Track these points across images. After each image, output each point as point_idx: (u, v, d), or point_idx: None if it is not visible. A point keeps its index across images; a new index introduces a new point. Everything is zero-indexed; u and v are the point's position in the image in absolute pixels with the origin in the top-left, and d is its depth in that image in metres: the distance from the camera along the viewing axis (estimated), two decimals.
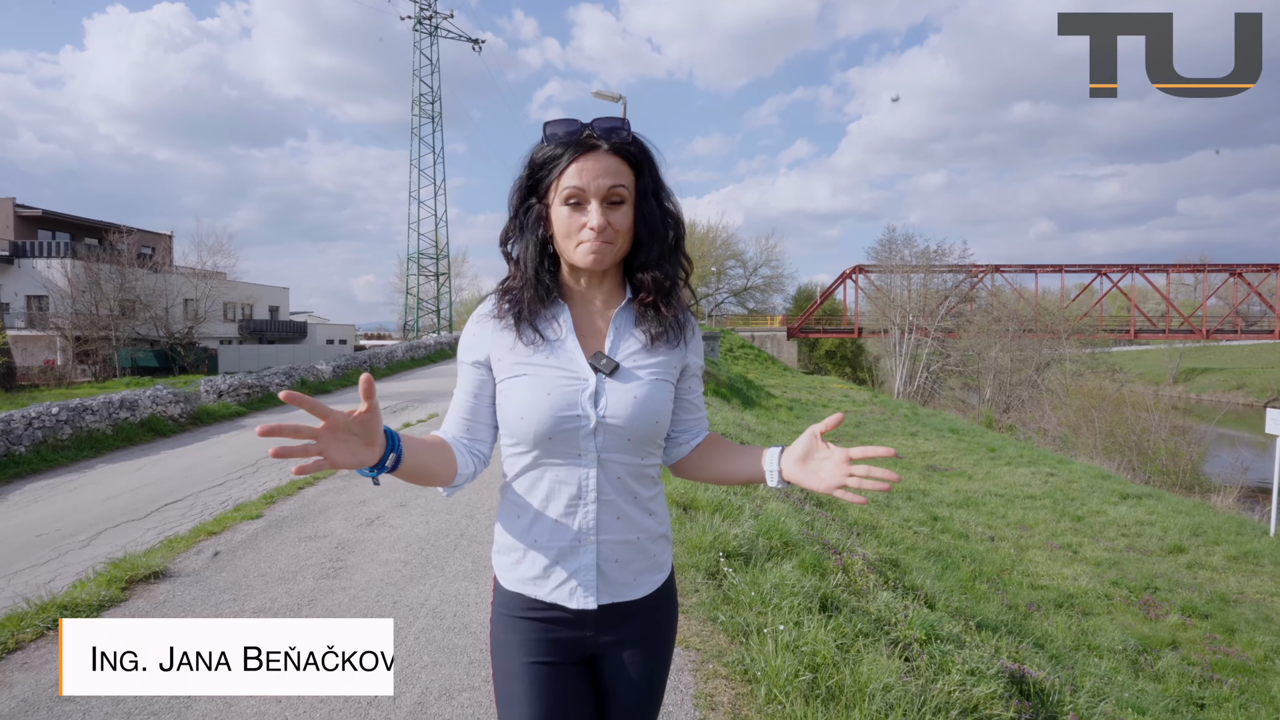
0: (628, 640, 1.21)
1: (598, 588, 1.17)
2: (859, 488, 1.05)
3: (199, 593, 3.54)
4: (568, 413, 1.12)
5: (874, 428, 25.49)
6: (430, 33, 42.52)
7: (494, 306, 1.21)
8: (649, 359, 1.19)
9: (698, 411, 1.31)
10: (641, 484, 1.21)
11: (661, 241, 1.19)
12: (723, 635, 3.07)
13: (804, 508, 6.80)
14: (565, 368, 1.15)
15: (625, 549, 1.19)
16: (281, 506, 5.22)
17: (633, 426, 1.14)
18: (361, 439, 1.02)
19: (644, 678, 1.22)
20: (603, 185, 1.11)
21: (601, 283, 1.22)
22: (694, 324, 1.27)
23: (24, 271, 33.73)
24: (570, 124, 1.15)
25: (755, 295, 62.57)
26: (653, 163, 1.20)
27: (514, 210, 1.20)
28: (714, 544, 4.11)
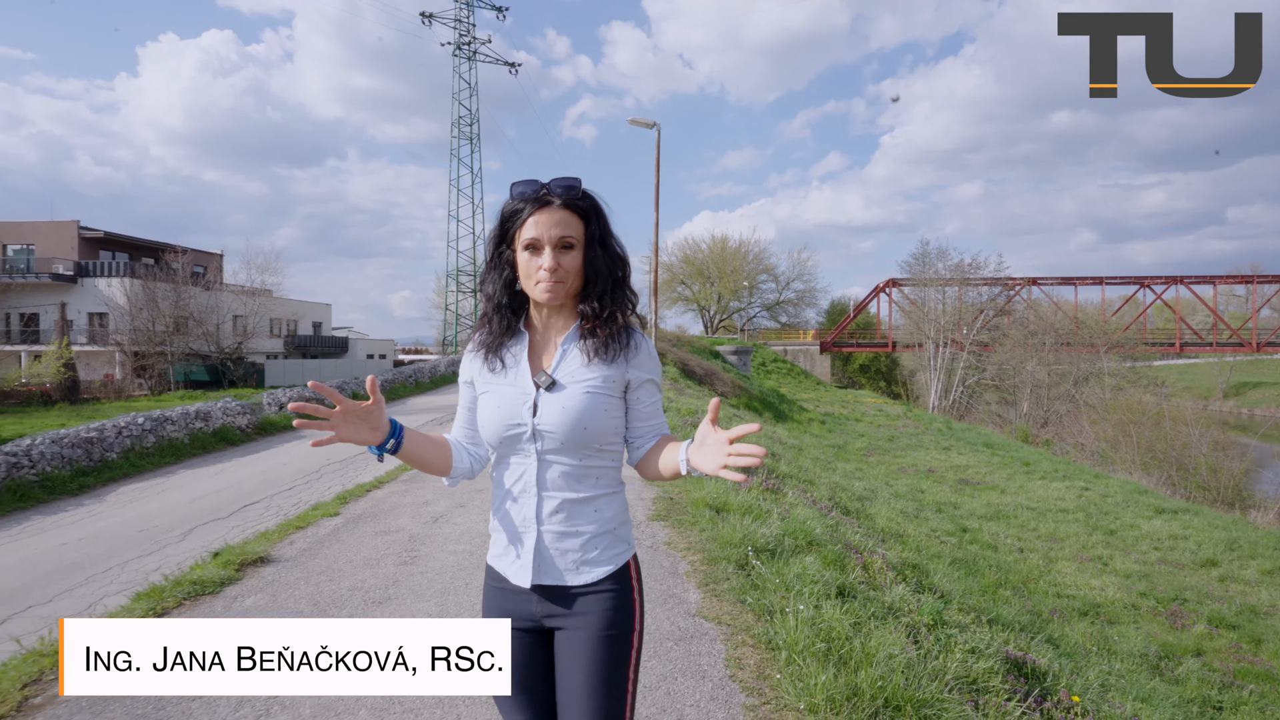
0: (572, 625, 1.37)
1: (535, 568, 1.38)
2: (735, 465, 1.19)
3: (300, 574, 4.13)
4: (511, 421, 1.38)
5: (907, 441, 25.51)
6: (469, 57, 43.94)
7: (475, 343, 1.49)
8: (586, 375, 1.39)
9: (651, 419, 1.47)
10: (583, 483, 1.41)
11: (606, 279, 1.42)
12: (750, 614, 3.54)
13: (830, 514, 7.19)
14: (515, 385, 1.41)
15: (566, 539, 1.39)
16: (355, 506, 5.82)
17: (562, 432, 1.36)
18: (368, 425, 1.34)
19: (588, 662, 1.35)
20: (555, 234, 1.36)
21: (558, 314, 1.45)
22: (641, 344, 1.45)
23: (87, 290, 35.55)
24: (532, 184, 1.39)
25: (788, 309, 62.60)
26: (601, 215, 1.44)
27: (488, 255, 1.46)
28: (743, 540, 4.57)
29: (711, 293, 62.20)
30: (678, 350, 28.06)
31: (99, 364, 34.83)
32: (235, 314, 36.38)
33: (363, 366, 39.59)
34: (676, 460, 1.35)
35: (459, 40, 43.62)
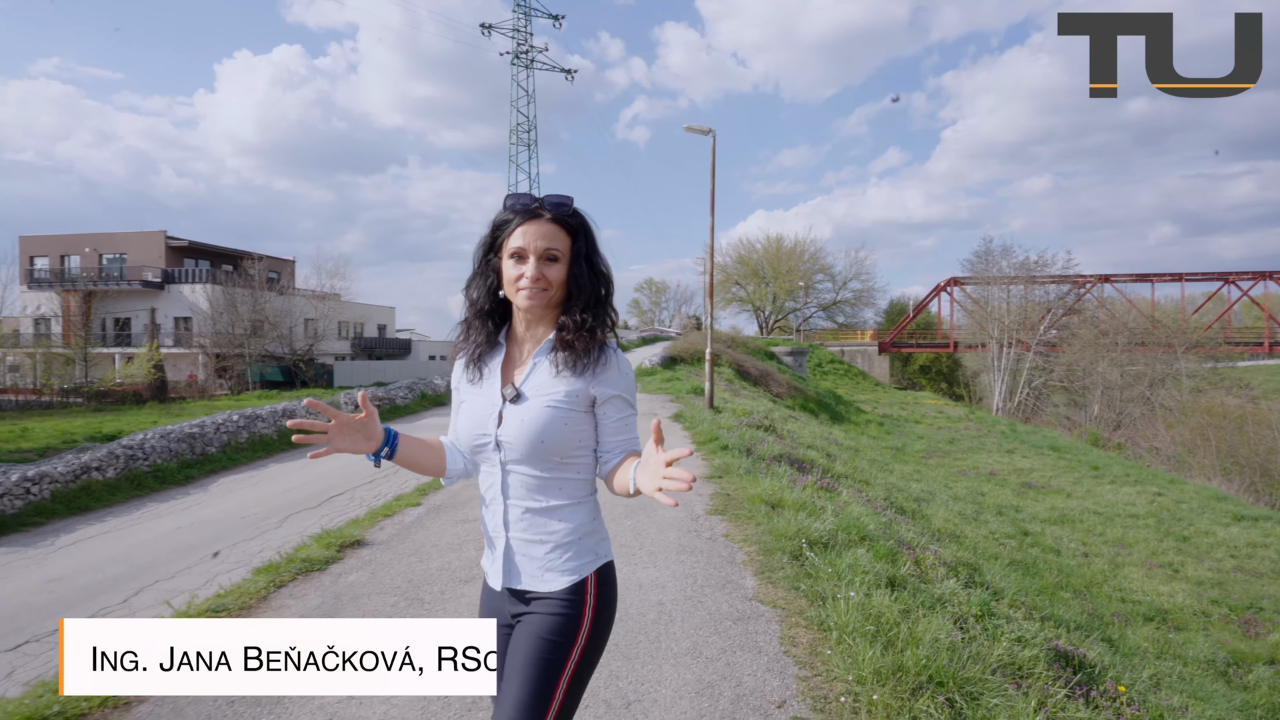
0: (525, 623, 1.43)
1: (505, 573, 1.45)
2: (667, 489, 1.18)
3: (392, 556, 4.59)
4: (478, 431, 1.45)
5: (968, 444, 24.99)
6: (526, 66, 44.98)
7: (461, 351, 1.56)
8: (551, 389, 1.42)
9: (618, 435, 1.47)
10: (547, 493, 1.44)
11: (589, 294, 1.45)
12: (803, 600, 3.80)
13: (884, 513, 7.33)
14: (486, 396, 1.46)
15: (531, 546, 1.44)
16: (434, 497, 6.30)
17: (520, 443, 1.40)
18: (363, 435, 1.43)
19: (527, 658, 1.37)
20: (540, 245, 1.40)
21: (538, 326, 1.48)
22: (611, 361, 1.46)
23: (172, 296, 37.85)
24: (525, 197, 1.44)
25: (845, 309, 61.70)
26: (589, 233, 1.48)
27: (476, 262, 1.50)
28: (797, 533, 4.82)
29: (766, 293, 61.85)
30: (732, 351, 28.17)
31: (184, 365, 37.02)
32: (307, 317, 38.17)
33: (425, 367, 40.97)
34: (628, 479, 1.36)
35: (517, 50, 44.73)
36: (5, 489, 7.12)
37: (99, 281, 37.82)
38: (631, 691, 2.80)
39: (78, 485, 7.82)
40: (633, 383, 1.51)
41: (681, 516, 5.54)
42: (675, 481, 1.17)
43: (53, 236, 39.84)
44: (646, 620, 3.50)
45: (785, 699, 2.74)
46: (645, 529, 5.17)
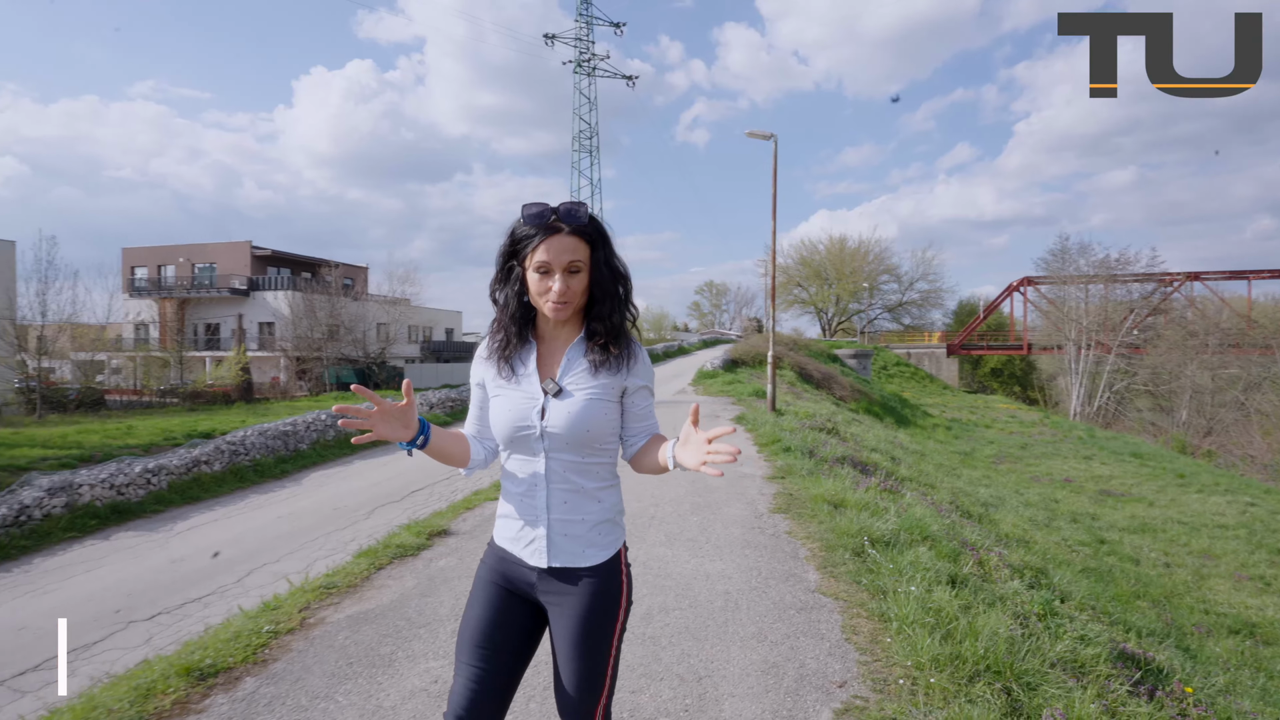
0: (570, 603, 1.52)
1: (549, 552, 1.54)
2: (713, 461, 1.33)
3: (476, 544, 4.97)
4: (521, 423, 1.53)
5: (1042, 450, 24.15)
6: (589, 74, 45.76)
7: (486, 348, 1.63)
8: (590, 382, 1.54)
9: (644, 420, 1.62)
10: (585, 477, 1.55)
11: (612, 297, 1.56)
12: (865, 593, 3.96)
13: (949, 516, 7.34)
14: (525, 391, 1.55)
15: (572, 526, 1.54)
16: None
17: (568, 433, 1.51)
18: (401, 423, 1.50)
19: (577, 631, 1.51)
20: (563, 259, 1.48)
21: (565, 325, 1.58)
22: (639, 355, 1.60)
23: (257, 302, 40.11)
24: (542, 210, 1.50)
25: (911, 310, 60.25)
26: (606, 238, 1.56)
27: (498, 268, 1.59)
28: (859, 531, 4.97)
29: (829, 295, 60.95)
30: (794, 354, 28.00)
31: (267, 368, 39.13)
32: (379, 322, 39.82)
33: None
34: (664, 457, 1.50)
35: (579, 58, 45.57)
36: (130, 479, 7.91)
37: (192, 289, 40.46)
38: (702, 668, 3.04)
39: (190, 477, 8.58)
40: (653, 372, 1.65)
41: (745, 514, 5.74)
42: (720, 455, 1.31)
43: (150, 248, 42.84)
44: (714, 607, 3.74)
45: (846, 680, 2.94)
46: (711, 525, 5.40)
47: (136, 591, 5.54)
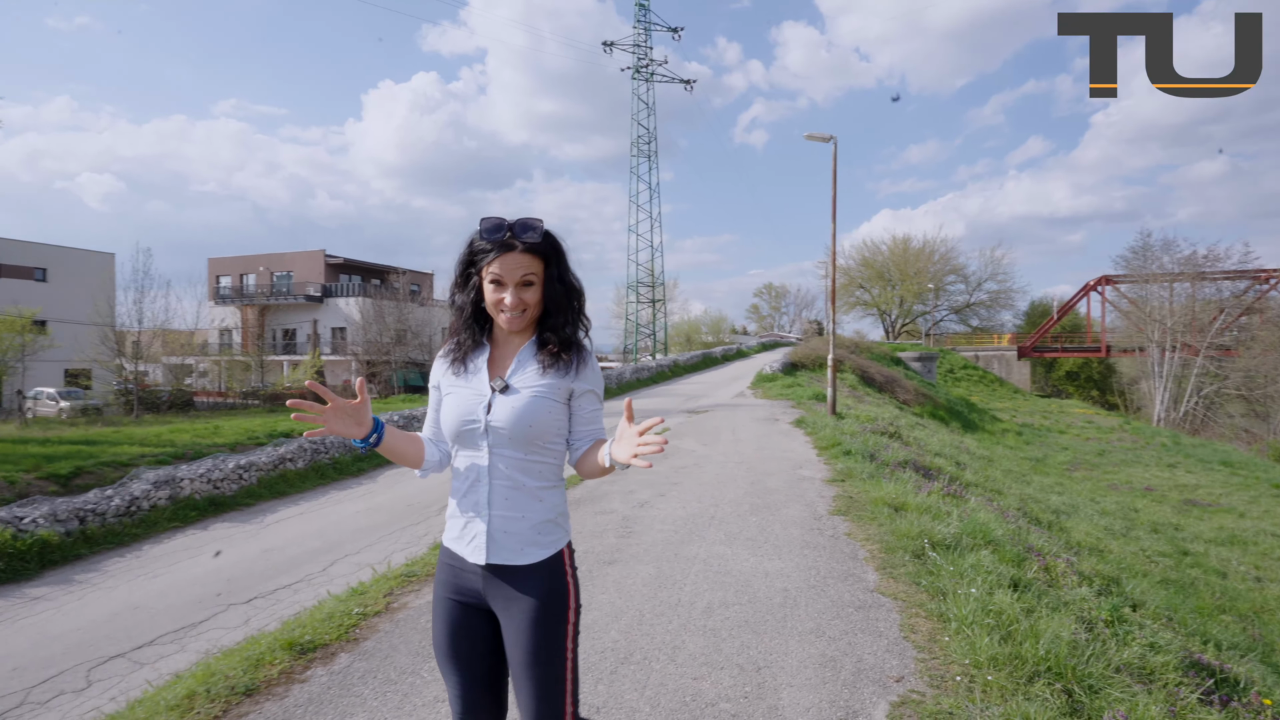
0: (516, 609, 1.55)
1: (488, 549, 1.57)
2: (643, 453, 1.41)
3: None
4: (467, 418, 1.58)
5: (1121, 457, 23.08)
6: (647, 79, 46.10)
7: (446, 350, 1.69)
8: (537, 382, 1.59)
9: (590, 424, 1.66)
10: (528, 475, 1.59)
11: (564, 310, 1.63)
12: (924, 594, 4.00)
13: (1016, 522, 7.20)
14: (474, 388, 1.61)
15: (513, 523, 1.57)
16: (573, 492, 6.93)
17: (511, 428, 1.55)
18: (354, 420, 1.54)
19: (528, 638, 1.53)
20: (517, 274, 1.55)
21: (520, 331, 1.65)
22: (588, 360, 1.65)
23: (330, 308, 41.94)
24: (498, 225, 1.56)
25: (979, 312, 58.28)
26: (560, 254, 1.63)
27: (456, 276, 1.66)
28: (920, 534, 4.98)
29: (892, 296, 59.55)
30: (855, 357, 27.54)
31: (340, 371, 40.85)
32: (443, 326, 41.04)
33: None
34: (601, 456, 1.55)
35: (637, 64, 45.96)
36: (224, 475, 8.52)
37: (271, 297, 42.64)
38: (761, 659, 3.17)
39: (276, 473, 9.17)
40: (602, 380, 1.70)
41: (804, 516, 5.81)
42: (649, 446, 1.39)
43: (233, 258, 45.37)
44: (773, 603, 3.85)
45: (903, 675, 3.01)
46: (770, 526, 5.50)
47: (234, 577, 6.01)
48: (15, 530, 6.28)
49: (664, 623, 3.59)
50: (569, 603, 1.59)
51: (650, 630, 3.50)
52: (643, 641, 3.37)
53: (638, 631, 3.49)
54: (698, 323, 65.59)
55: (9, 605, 5.53)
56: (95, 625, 5.10)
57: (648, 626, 3.55)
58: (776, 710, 2.73)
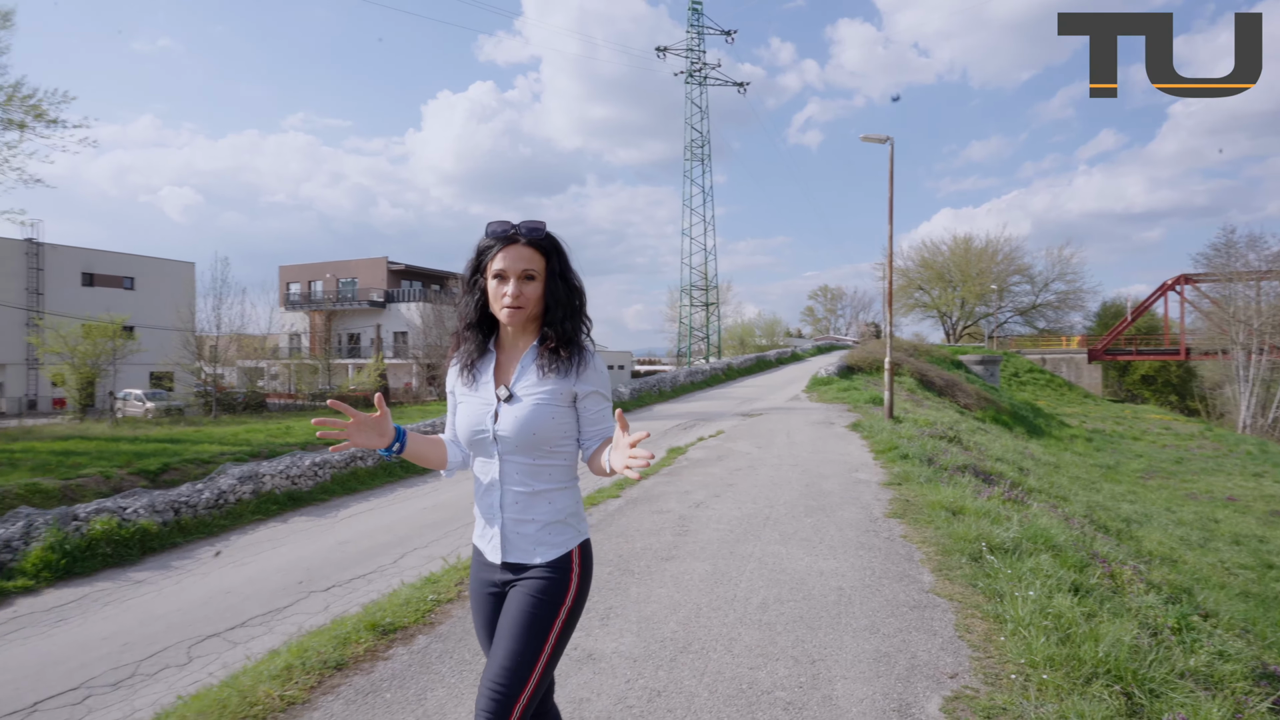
0: (519, 587, 1.64)
1: (503, 549, 1.66)
2: (632, 465, 1.42)
3: (602, 536, 5.39)
4: (477, 428, 1.65)
5: (1200, 465, 21.97)
6: (700, 83, 46.18)
7: (456, 359, 1.75)
8: (539, 388, 1.64)
9: (597, 424, 1.69)
10: (537, 479, 1.64)
11: (565, 306, 1.66)
12: (980, 596, 4.01)
13: (1081, 529, 7.04)
14: (482, 397, 1.67)
15: (524, 525, 1.65)
16: (630, 491, 7.11)
17: (516, 436, 1.61)
18: (377, 432, 1.64)
19: (516, 613, 1.60)
20: (518, 267, 1.61)
21: (522, 335, 1.70)
22: (590, 361, 1.68)
23: (392, 313, 43.38)
24: (504, 225, 1.64)
25: (1046, 313, 56.15)
26: (561, 252, 1.69)
27: (464, 281, 1.72)
28: (978, 537, 4.96)
29: (953, 298, 57.93)
30: (914, 360, 26.97)
31: (401, 374, 42.19)
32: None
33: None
34: (603, 460, 1.60)
35: (690, 69, 46.10)
36: (301, 471, 9.03)
37: (337, 303, 44.37)
38: (815, 652, 3.27)
39: (348, 471, 9.65)
40: (608, 379, 1.73)
41: (860, 518, 5.84)
42: (638, 459, 1.41)
43: (302, 265, 47.40)
44: (828, 601, 3.94)
45: (958, 672, 3.07)
46: (825, 527, 5.55)
47: (313, 567, 6.40)
48: (120, 519, 6.84)
49: (720, 616, 3.73)
50: (566, 598, 1.63)
51: (707, 623, 3.64)
52: (700, 633, 3.51)
53: (695, 623, 3.63)
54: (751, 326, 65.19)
55: (116, 587, 6.04)
56: (192, 607, 5.53)
57: (705, 619, 3.69)
58: (831, 700, 2.83)
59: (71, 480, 9.71)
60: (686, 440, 11.55)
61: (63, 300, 33.41)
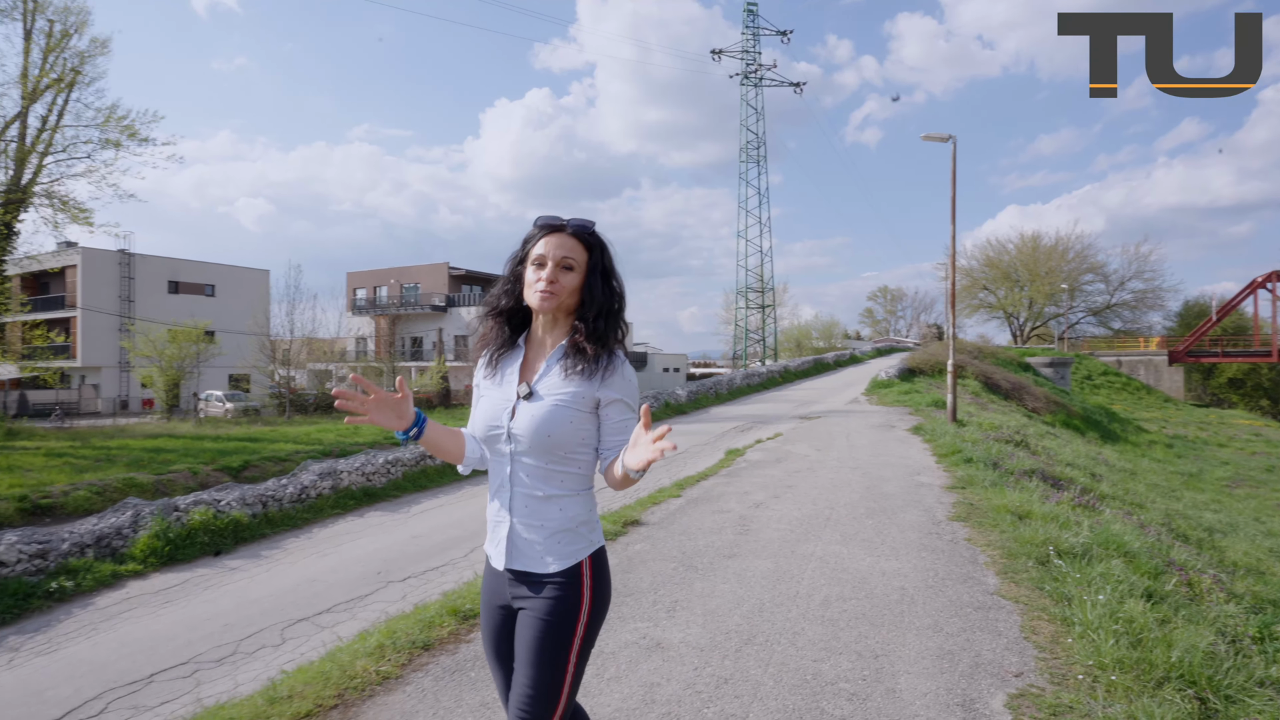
0: (530, 606, 1.56)
1: (509, 554, 1.58)
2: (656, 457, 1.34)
3: (665, 533, 5.55)
4: (493, 423, 1.60)
5: None
6: (755, 84, 45.95)
7: (483, 353, 1.71)
8: (561, 389, 1.56)
9: (618, 435, 1.58)
10: (548, 484, 1.56)
11: (601, 306, 1.60)
12: (1047, 599, 3.99)
13: (1156, 536, 6.82)
14: (504, 393, 1.61)
15: (532, 530, 1.57)
16: (691, 491, 7.24)
17: (529, 436, 1.54)
18: (396, 414, 1.57)
19: (531, 639, 1.53)
20: (558, 254, 1.57)
21: (552, 332, 1.64)
22: (618, 368, 1.59)
23: (453, 317, 44.58)
24: (553, 218, 1.62)
25: (1122, 313, 53.66)
26: (605, 250, 1.65)
27: (506, 270, 1.69)
28: (1045, 541, 4.90)
29: (1020, 298, 55.93)
30: (978, 362, 26.21)
31: (462, 376, 43.19)
32: None
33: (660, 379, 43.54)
34: (617, 466, 1.50)
35: (746, 70, 45.91)
36: (375, 469, 9.50)
37: (400, 307, 45.86)
38: (878, 648, 3.34)
39: (418, 469, 10.09)
40: (636, 389, 1.64)
41: (922, 520, 5.82)
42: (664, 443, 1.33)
43: (367, 271, 49.19)
44: (890, 600, 3.99)
45: (1023, 671, 3.09)
46: (886, 529, 5.57)
47: (390, 559, 6.75)
48: (215, 511, 7.36)
49: (783, 611, 3.83)
50: (580, 614, 1.56)
51: (770, 617, 3.74)
52: (764, 626, 3.62)
53: (759, 618, 3.74)
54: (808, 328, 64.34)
55: (214, 573, 6.52)
56: (282, 593, 5.93)
57: (768, 614, 3.79)
58: (894, 693, 2.90)
59: (163, 475, 10.44)
60: (744, 442, 11.60)
61: (151, 307, 35.67)
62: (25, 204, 17.84)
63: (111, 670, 4.58)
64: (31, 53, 17.97)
